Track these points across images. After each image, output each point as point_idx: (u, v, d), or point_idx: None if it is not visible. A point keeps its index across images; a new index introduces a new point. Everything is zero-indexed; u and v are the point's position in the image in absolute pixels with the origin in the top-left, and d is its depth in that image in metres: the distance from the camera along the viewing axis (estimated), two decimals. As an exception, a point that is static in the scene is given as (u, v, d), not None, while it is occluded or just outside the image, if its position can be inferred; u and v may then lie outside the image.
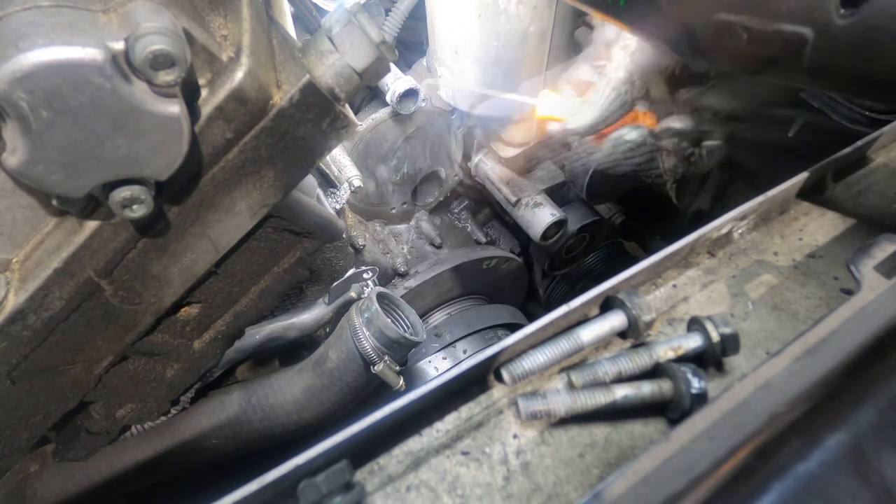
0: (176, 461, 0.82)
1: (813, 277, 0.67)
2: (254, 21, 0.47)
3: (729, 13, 0.49)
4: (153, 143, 0.41)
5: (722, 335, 0.55)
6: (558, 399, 0.51)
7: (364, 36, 0.48)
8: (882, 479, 0.36)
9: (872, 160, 0.84)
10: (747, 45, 0.50)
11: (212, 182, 0.50)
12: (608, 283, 0.59)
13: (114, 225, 0.48)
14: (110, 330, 0.56)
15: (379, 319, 0.75)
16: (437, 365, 1.12)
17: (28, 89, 0.35)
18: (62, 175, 0.40)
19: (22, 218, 0.47)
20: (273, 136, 0.49)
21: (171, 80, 0.38)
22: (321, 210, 0.70)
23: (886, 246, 0.59)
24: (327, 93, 0.49)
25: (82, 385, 0.61)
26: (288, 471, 0.45)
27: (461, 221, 1.39)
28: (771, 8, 0.47)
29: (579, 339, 0.56)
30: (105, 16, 0.39)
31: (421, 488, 0.49)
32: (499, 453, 0.52)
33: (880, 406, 0.41)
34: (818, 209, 0.76)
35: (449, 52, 1.04)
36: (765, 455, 0.40)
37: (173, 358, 0.67)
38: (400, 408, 0.49)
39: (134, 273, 0.52)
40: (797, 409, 0.43)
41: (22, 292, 0.48)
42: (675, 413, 0.52)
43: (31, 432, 0.62)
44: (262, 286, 0.69)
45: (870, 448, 0.38)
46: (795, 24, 0.46)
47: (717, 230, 0.68)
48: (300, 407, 0.81)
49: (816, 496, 0.36)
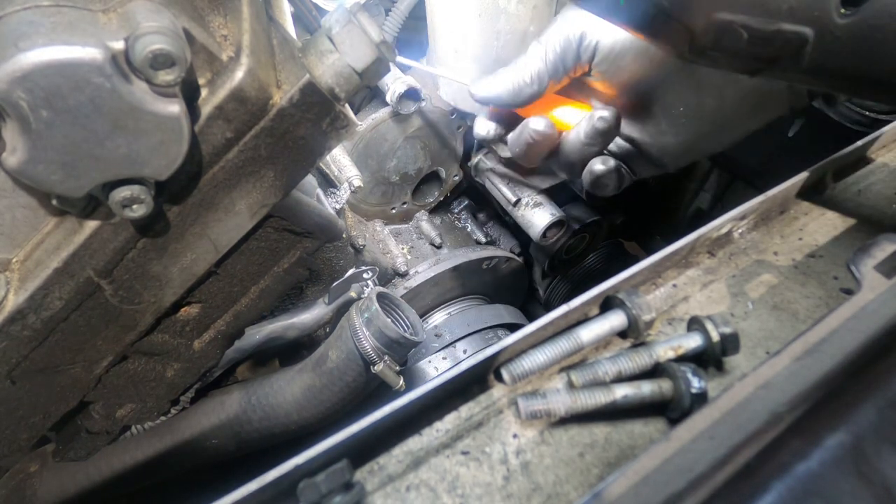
0: (176, 461, 0.82)
1: (813, 277, 0.67)
2: (254, 21, 0.47)
3: (729, 13, 0.49)
4: (153, 142, 0.41)
5: (722, 335, 0.55)
6: (558, 399, 0.51)
7: (364, 36, 0.48)
8: (882, 478, 0.36)
9: (872, 160, 0.84)
10: (747, 44, 0.50)
11: (212, 182, 0.50)
12: (608, 282, 0.59)
13: (114, 225, 0.48)
14: (110, 330, 0.56)
15: (379, 319, 0.75)
16: (437, 365, 1.12)
17: (28, 89, 0.35)
18: (62, 175, 0.40)
19: (22, 218, 0.47)
20: (273, 136, 0.49)
21: (171, 80, 0.38)
22: (321, 210, 0.70)
23: (886, 246, 0.59)
24: (327, 92, 0.49)
25: (82, 385, 0.61)
26: (288, 470, 0.45)
27: (461, 221, 1.39)
28: (771, 7, 0.47)
29: (579, 338, 0.56)
30: (105, 15, 0.39)
31: (421, 488, 0.49)
32: (499, 453, 0.52)
33: (880, 406, 0.41)
34: (818, 209, 0.76)
35: (449, 52, 1.04)
36: (765, 455, 0.40)
37: (173, 358, 0.67)
38: (400, 408, 0.49)
39: (134, 273, 0.52)
40: (797, 408, 0.43)
41: (22, 292, 0.48)
42: (675, 413, 0.52)
43: (31, 432, 0.62)
44: (262, 286, 0.69)
45: (870, 448, 0.38)
46: (795, 24, 0.46)
47: (717, 230, 0.68)
48: (300, 407, 0.81)
49: (816, 496, 0.36)
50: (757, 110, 0.75)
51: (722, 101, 0.74)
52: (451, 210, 1.40)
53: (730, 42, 0.51)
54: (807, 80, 0.52)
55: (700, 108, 0.76)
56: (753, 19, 0.48)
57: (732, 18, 0.49)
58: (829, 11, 0.44)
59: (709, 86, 0.74)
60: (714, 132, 0.78)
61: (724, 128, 0.77)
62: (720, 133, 0.78)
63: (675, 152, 0.81)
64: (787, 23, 0.47)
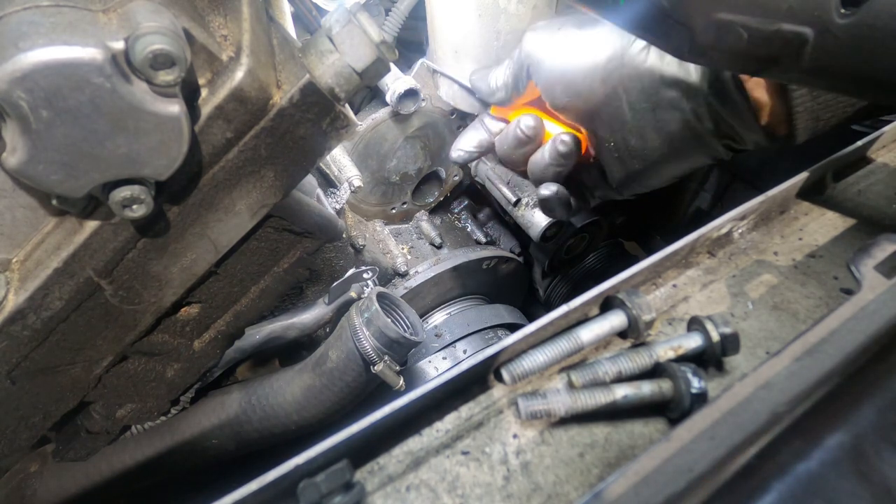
0: (176, 461, 0.82)
1: (813, 277, 0.67)
2: (254, 21, 0.47)
3: (729, 13, 0.49)
4: (153, 142, 0.41)
5: (722, 335, 0.55)
6: (558, 399, 0.51)
7: (364, 36, 0.48)
8: (882, 478, 0.36)
9: (872, 160, 0.84)
10: (747, 44, 0.50)
11: (212, 182, 0.50)
12: (608, 282, 0.59)
13: (114, 225, 0.48)
14: (110, 330, 0.56)
15: (379, 319, 0.75)
16: (437, 365, 1.12)
17: (28, 89, 0.35)
18: (62, 175, 0.40)
19: (22, 218, 0.47)
20: (273, 136, 0.49)
21: (171, 80, 0.38)
22: (321, 210, 0.70)
23: (886, 246, 0.59)
24: (327, 92, 0.49)
25: (82, 385, 0.61)
26: (288, 471, 0.45)
27: (461, 221, 1.39)
28: (771, 7, 0.47)
29: (579, 338, 0.56)
30: (105, 16, 0.39)
31: (421, 488, 0.49)
32: (499, 453, 0.52)
33: (880, 406, 0.41)
34: (818, 209, 0.76)
35: (449, 52, 1.04)
36: (765, 455, 0.40)
37: (173, 358, 0.67)
38: (400, 408, 0.49)
39: (134, 273, 0.52)
40: (797, 409, 0.43)
41: (22, 292, 0.48)
42: (675, 413, 0.52)
43: (31, 432, 0.62)
44: (262, 286, 0.69)
45: (870, 448, 0.38)
46: (795, 24, 0.46)
47: (717, 230, 0.68)
48: (300, 407, 0.81)
49: (816, 496, 0.36)
50: (679, 156, 0.79)
51: (644, 143, 0.79)
52: (451, 210, 1.40)
53: (730, 42, 0.51)
54: (807, 80, 0.52)
55: (626, 147, 0.81)
56: (753, 19, 0.48)
57: (732, 18, 0.49)
58: (829, 11, 0.44)
59: (633, 128, 0.78)
60: (643, 170, 0.82)
61: (650, 168, 0.82)
62: (650, 171, 0.82)
63: (621, 182, 0.87)
64: (787, 23, 0.47)
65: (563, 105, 0.83)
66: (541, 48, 0.81)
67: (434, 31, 1.05)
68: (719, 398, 0.45)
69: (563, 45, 0.80)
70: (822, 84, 0.54)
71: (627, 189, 0.88)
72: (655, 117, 0.75)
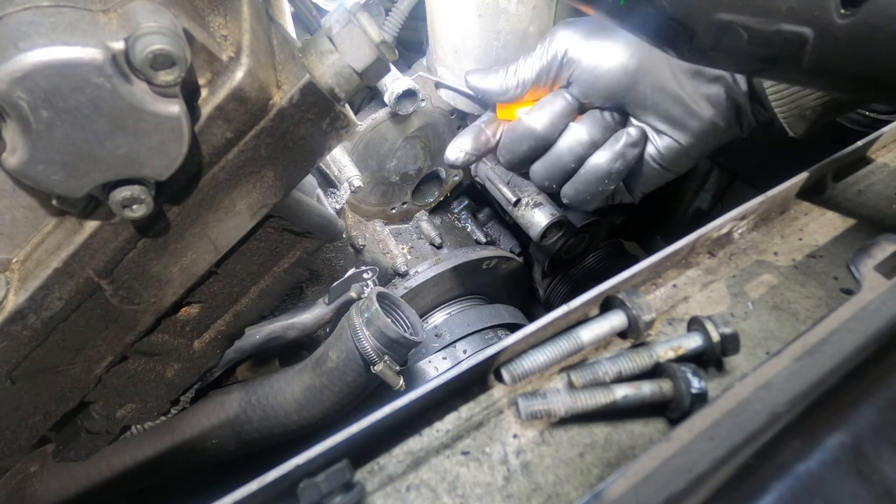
0: (176, 461, 0.82)
1: (813, 277, 0.67)
2: (254, 21, 0.47)
3: (729, 13, 0.49)
4: (153, 143, 0.41)
5: (722, 335, 0.55)
6: (558, 399, 0.51)
7: (364, 36, 0.48)
8: (882, 478, 0.36)
9: (872, 160, 0.84)
10: (747, 45, 0.50)
11: (212, 182, 0.50)
12: (608, 283, 0.59)
13: (114, 225, 0.48)
14: (110, 330, 0.56)
15: (379, 319, 0.75)
16: (437, 365, 1.12)
17: (28, 89, 0.35)
18: (62, 175, 0.40)
19: (22, 218, 0.47)
20: (273, 136, 0.49)
21: (171, 80, 0.38)
22: (321, 210, 0.70)
23: (886, 246, 0.59)
24: (327, 93, 0.49)
25: (82, 385, 0.61)
26: (288, 471, 0.45)
27: (461, 221, 1.39)
28: (771, 8, 0.47)
29: (579, 338, 0.56)
30: (105, 16, 0.39)
31: (421, 488, 0.49)
32: (499, 453, 0.52)
33: (880, 406, 0.41)
34: (818, 209, 0.76)
35: (449, 52, 1.04)
36: (765, 455, 0.40)
37: (173, 358, 0.67)
38: (400, 408, 0.49)
39: (134, 273, 0.52)
40: (797, 409, 0.43)
41: (22, 292, 0.48)
42: (675, 413, 0.52)
43: (31, 432, 0.62)
44: (262, 286, 0.69)
45: (870, 448, 0.38)
46: (795, 24, 0.46)
47: (717, 230, 0.68)
48: (300, 407, 0.81)
49: (816, 496, 0.36)
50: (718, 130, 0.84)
51: (689, 112, 0.83)
52: (451, 210, 1.40)
53: (730, 42, 0.51)
54: (807, 80, 0.52)
55: (668, 117, 0.85)
56: (753, 19, 0.48)
57: (732, 19, 0.49)
58: (829, 12, 0.44)
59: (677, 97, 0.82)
60: (683, 148, 0.87)
61: (693, 144, 0.86)
62: (691, 148, 0.87)
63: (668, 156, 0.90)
64: (787, 23, 0.47)
65: (605, 92, 0.85)
66: (578, 46, 0.84)
67: (434, 30, 1.05)
68: (719, 398, 0.45)
69: (601, 43, 0.83)
70: (822, 84, 0.54)
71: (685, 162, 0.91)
72: (699, 85, 0.80)
